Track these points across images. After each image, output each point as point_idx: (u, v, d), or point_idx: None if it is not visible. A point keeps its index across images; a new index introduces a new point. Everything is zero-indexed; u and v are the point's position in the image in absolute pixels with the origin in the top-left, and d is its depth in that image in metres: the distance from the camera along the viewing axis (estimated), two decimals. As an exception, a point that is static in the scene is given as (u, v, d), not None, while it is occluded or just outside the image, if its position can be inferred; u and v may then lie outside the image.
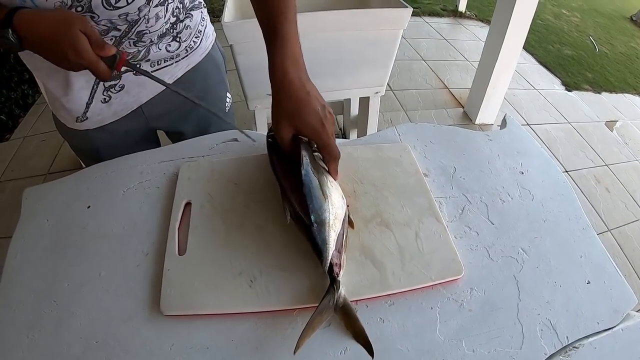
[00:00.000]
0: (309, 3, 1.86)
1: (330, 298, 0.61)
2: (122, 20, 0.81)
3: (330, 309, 0.61)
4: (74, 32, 0.68)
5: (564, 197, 0.85)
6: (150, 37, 0.88)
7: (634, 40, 5.34)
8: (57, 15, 0.69)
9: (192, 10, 0.95)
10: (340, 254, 0.66)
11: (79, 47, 0.69)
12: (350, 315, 0.62)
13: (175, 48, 0.95)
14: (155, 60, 0.93)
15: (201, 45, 1.03)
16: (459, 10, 4.92)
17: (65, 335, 0.61)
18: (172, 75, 1.00)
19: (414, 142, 0.95)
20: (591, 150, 2.99)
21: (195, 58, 1.03)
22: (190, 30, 0.97)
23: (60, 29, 0.68)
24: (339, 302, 0.62)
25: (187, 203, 0.79)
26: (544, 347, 0.62)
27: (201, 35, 1.02)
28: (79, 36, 0.69)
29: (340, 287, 0.62)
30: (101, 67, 0.72)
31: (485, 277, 0.70)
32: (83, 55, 0.69)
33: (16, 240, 0.75)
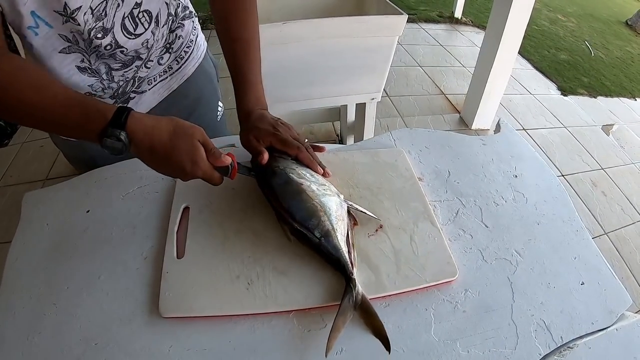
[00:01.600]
0: (306, 10, 1.87)
1: (350, 297, 0.63)
2: (144, 47, 0.85)
3: (351, 307, 0.62)
4: (194, 143, 0.69)
5: (558, 200, 0.86)
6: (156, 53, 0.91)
7: (629, 45, 5.36)
8: (177, 125, 0.69)
9: (184, 20, 0.96)
10: (351, 252, 0.68)
11: (198, 159, 0.69)
12: (370, 312, 0.63)
13: (166, 59, 0.95)
14: (151, 76, 0.94)
15: (193, 55, 1.03)
16: (455, 17, 4.93)
17: (65, 337, 0.61)
18: (169, 88, 1.01)
19: (409, 147, 0.96)
20: (587, 154, 3.00)
21: (189, 69, 1.04)
22: (182, 40, 0.97)
23: (180, 139, 0.68)
24: (358, 300, 0.63)
25: (186, 207, 0.79)
26: (539, 348, 0.62)
27: (192, 45, 1.02)
28: (198, 148, 0.69)
29: (357, 285, 0.64)
30: (216, 177, 0.73)
31: (480, 279, 0.71)
32: (200, 166, 0.69)
33: (16, 244, 0.76)
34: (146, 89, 0.94)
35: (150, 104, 0.99)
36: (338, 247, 0.67)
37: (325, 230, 0.69)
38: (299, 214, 0.71)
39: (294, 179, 0.75)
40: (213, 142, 0.96)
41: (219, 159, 0.72)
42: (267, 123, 0.82)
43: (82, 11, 0.71)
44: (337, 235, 0.68)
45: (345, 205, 0.75)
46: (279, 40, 1.42)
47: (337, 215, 0.71)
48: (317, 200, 0.72)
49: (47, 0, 0.67)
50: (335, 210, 0.72)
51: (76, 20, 0.71)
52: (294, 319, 0.63)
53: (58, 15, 0.70)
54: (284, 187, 0.75)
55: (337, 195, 0.75)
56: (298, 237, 0.71)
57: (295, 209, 0.72)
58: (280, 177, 0.76)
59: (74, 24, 0.72)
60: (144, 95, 0.95)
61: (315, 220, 0.70)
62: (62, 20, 0.71)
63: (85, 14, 0.72)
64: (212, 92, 1.16)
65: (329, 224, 0.69)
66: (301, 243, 0.71)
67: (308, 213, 0.71)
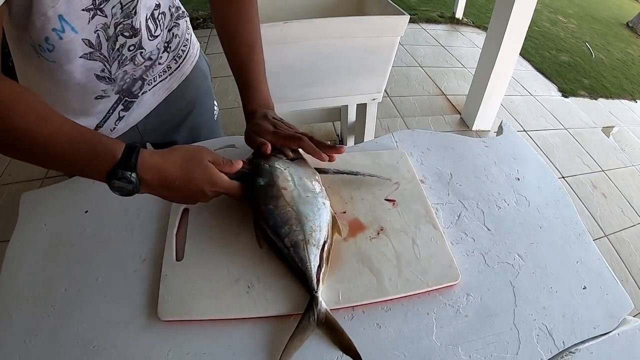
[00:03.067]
0: (307, 10, 1.87)
1: (311, 315, 0.61)
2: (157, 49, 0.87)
3: (311, 326, 0.61)
4: (206, 165, 0.69)
5: (560, 203, 0.86)
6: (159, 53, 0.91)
7: (630, 47, 5.37)
8: (184, 154, 0.68)
9: (179, 19, 0.96)
10: (321, 267, 0.66)
11: (214, 179, 0.69)
12: (335, 328, 0.61)
13: (165, 59, 0.95)
14: (151, 77, 0.94)
15: (190, 53, 1.04)
16: (456, 17, 4.94)
17: (63, 340, 0.61)
18: (168, 88, 1.01)
19: (411, 148, 0.96)
20: (588, 156, 3.00)
21: (187, 68, 1.04)
22: (179, 39, 0.97)
23: (192, 165, 0.67)
24: (321, 318, 0.61)
25: (185, 210, 0.79)
26: (540, 353, 0.62)
27: (188, 43, 1.02)
28: (212, 168, 0.69)
29: (320, 302, 0.62)
30: (236, 189, 0.73)
31: (482, 283, 0.70)
32: (219, 184, 0.69)
33: (13, 244, 0.75)
34: (147, 90, 0.94)
35: (150, 106, 0.99)
36: (305, 260, 0.65)
37: (296, 240, 0.67)
38: (272, 220, 0.70)
39: (276, 183, 0.74)
40: (213, 142, 0.97)
41: (233, 166, 0.72)
42: (269, 121, 0.83)
43: (110, 4, 0.70)
44: (308, 247, 0.66)
45: (330, 217, 0.72)
46: (279, 40, 1.41)
47: (314, 226, 0.69)
48: (295, 208, 0.71)
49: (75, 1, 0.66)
50: (314, 220, 0.70)
51: (104, 11, 0.70)
52: (294, 323, 0.62)
53: (85, 13, 0.68)
54: (264, 189, 0.73)
55: (324, 205, 0.73)
56: (269, 243, 0.70)
57: (269, 214, 0.70)
58: (264, 179, 0.75)
59: (101, 15, 0.70)
60: (145, 97, 0.95)
61: (287, 229, 0.68)
62: (88, 19, 0.69)
63: (113, 7, 0.71)
64: (208, 91, 1.17)
65: (302, 234, 0.68)
66: (272, 250, 0.70)
67: (281, 220, 0.69)
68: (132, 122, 0.98)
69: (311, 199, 0.73)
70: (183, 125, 1.11)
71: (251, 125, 0.84)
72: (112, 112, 0.92)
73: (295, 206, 0.71)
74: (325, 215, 0.72)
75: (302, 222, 0.69)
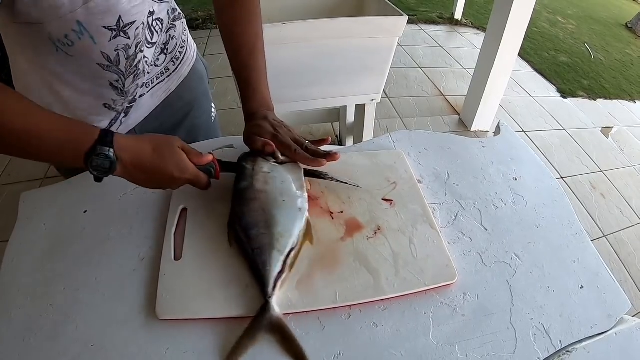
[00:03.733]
0: (306, 11, 1.87)
1: (262, 319, 0.61)
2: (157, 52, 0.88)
3: (262, 330, 0.61)
4: (176, 150, 0.71)
5: (557, 203, 0.86)
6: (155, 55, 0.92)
7: (629, 47, 5.38)
8: (156, 139, 0.71)
9: (175, 21, 0.96)
10: (281, 275, 0.66)
11: (183, 164, 0.71)
12: (287, 336, 0.61)
13: (162, 61, 0.96)
14: (149, 79, 0.94)
15: (187, 55, 1.04)
16: (455, 18, 4.94)
17: (62, 338, 0.61)
18: (167, 90, 1.01)
19: (408, 149, 0.96)
20: (587, 156, 3.00)
21: (184, 69, 1.05)
22: (176, 40, 0.98)
23: (163, 149, 0.70)
24: (273, 323, 0.61)
25: (183, 209, 0.79)
26: (537, 352, 0.62)
27: (185, 45, 1.03)
28: (181, 153, 0.71)
29: (272, 308, 0.62)
30: (202, 178, 0.75)
31: (479, 282, 0.71)
32: (187, 170, 0.72)
33: (13, 244, 0.75)
34: (145, 92, 0.94)
35: (149, 108, 0.99)
36: (267, 264, 0.65)
37: (262, 243, 0.68)
38: (243, 220, 0.71)
39: (255, 185, 0.75)
40: (212, 142, 0.97)
41: (201, 157, 0.74)
42: (269, 123, 0.83)
43: (135, 26, 0.75)
44: (273, 252, 0.67)
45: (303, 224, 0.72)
46: (278, 41, 1.42)
47: (282, 231, 0.69)
48: (268, 211, 0.72)
49: (97, 17, 0.69)
50: (284, 225, 0.70)
51: (127, 34, 0.74)
52: (292, 322, 0.63)
53: (107, 31, 0.72)
54: (243, 191, 0.75)
55: (299, 210, 0.73)
56: (237, 243, 0.70)
57: (242, 215, 0.72)
58: (245, 180, 0.76)
59: (124, 37, 0.75)
60: (143, 99, 0.95)
61: (255, 231, 0.69)
62: (110, 37, 0.73)
63: (137, 29, 0.76)
64: (205, 93, 1.17)
65: (268, 238, 0.68)
66: (240, 251, 0.70)
67: (252, 222, 0.70)
68: (132, 124, 0.98)
69: (287, 204, 0.73)
70: (181, 127, 1.11)
71: (251, 126, 0.84)
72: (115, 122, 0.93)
73: (268, 210, 0.72)
74: (298, 222, 0.72)
75: (271, 226, 0.70)
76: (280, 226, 0.70)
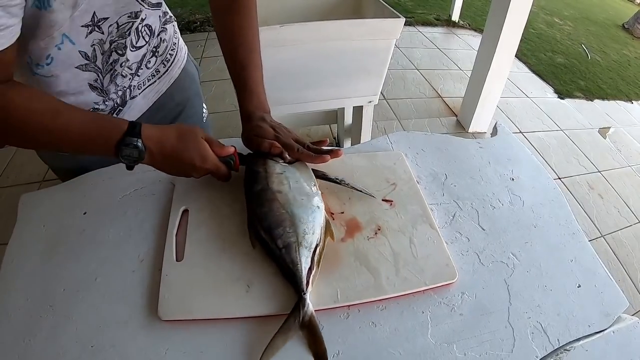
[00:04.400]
0: (304, 13, 1.88)
1: (297, 316, 0.62)
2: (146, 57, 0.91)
3: (296, 327, 0.61)
4: (200, 140, 0.75)
5: (554, 202, 0.87)
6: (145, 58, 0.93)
7: (626, 48, 5.40)
8: (181, 128, 0.75)
9: (166, 24, 0.97)
10: (312, 270, 0.66)
11: (205, 153, 0.75)
12: (316, 335, 0.61)
13: (153, 63, 0.97)
14: (140, 81, 0.95)
15: (177, 57, 1.05)
16: (452, 20, 4.95)
17: (61, 339, 0.61)
18: (158, 91, 1.02)
19: (406, 150, 0.97)
20: (584, 157, 3.01)
21: (175, 71, 1.05)
22: (167, 43, 0.99)
23: (187, 138, 0.74)
24: (306, 320, 0.62)
25: (185, 210, 0.79)
26: (535, 350, 0.63)
27: (176, 47, 1.04)
28: (204, 143, 0.75)
29: (307, 304, 0.63)
30: (223, 169, 0.79)
31: (476, 282, 0.71)
32: (209, 159, 0.76)
33: (12, 245, 0.76)
34: (136, 94, 0.95)
35: (141, 109, 1.00)
36: (296, 262, 0.66)
37: (288, 242, 0.68)
38: (266, 221, 0.71)
39: (271, 186, 0.76)
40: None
41: (223, 149, 0.79)
42: (268, 125, 0.85)
43: (108, 22, 0.77)
44: (300, 250, 0.67)
45: (323, 221, 0.73)
46: (276, 43, 1.42)
47: (307, 229, 0.70)
48: (289, 210, 0.72)
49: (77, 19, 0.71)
50: (307, 223, 0.71)
51: (101, 29, 0.76)
52: (293, 322, 0.63)
53: (84, 28, 0.74)
54: (260, 192, 0.75)
55: (318, 208, 0.74)
56: (262, 244, 0.71)
57: (263, 216, 0.72)
58: (260, 182, 0.77)
59: (98, 32, 0.76)
60: (135, 101, 0.96)
61: (280, 230, 0.69)
62: (86, 33, 0.75)
63: (110, 26, 0.77)
64: (197, 94, 1.18)
65: (294, 236, 0.69)
66: (264, 251, 0.70)
67: (275, 221, 0.71)
68: None
69: (305, 202, 0.74)
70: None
71: (251, 127, 0.85)
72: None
73: (289, 209, 0.72)
74: (318, 219, 0.72)
75: (295, 224, 0.70)
76: (304, 224, 0.70)
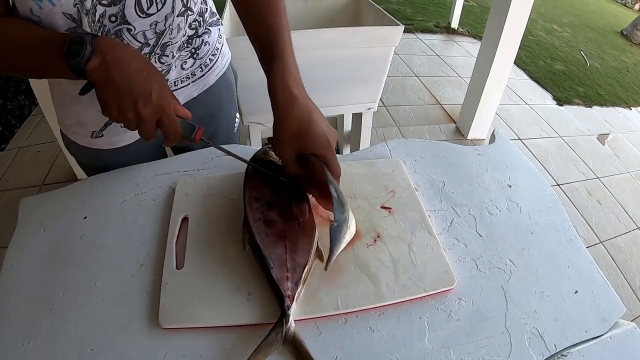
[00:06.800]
0: (303, 21, 1.89)
1: (279, 331, 0.60)
2: (152, 32, 0.79)
3: (278, 342, 0.60)
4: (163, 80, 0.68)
5: (552, 209, 0.87)
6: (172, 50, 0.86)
7: (624, 55, 5.43)
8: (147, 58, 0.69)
9: (211, 26, 0.94)
10: (297, 286, 0.65)
11: (165, 92, 0.67)
12: (301, 350, 0.60)
13: (190, 65, 0.93)
14: (171, 80, 0.92)
15: (217, 64, 1.01)
16: (451, 27, 4.98)
17: (61, 343, 0.62)
18: (188, 95, 0.97)
19: (404, 157, 0.97)
20: (583, 163, 3.02)
21: (211, 78, 1.01)
22: (209, 47, 0.96)
23: (152, 68, 0.67)
24: (288, 335, 0.61)
25: (184, 218, 0.80)
26: (532, 356, 0.63)
27: (218, 53, 1.01)
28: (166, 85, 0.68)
29: (290, 320, 0.62)
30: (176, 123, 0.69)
31: (474, 288, 0.71)
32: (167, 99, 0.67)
33: (12, 249, 0.76)
34: None
35: None
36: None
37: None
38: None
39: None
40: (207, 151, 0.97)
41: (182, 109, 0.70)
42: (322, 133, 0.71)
43: None
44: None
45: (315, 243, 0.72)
46: (276, 50, 1.42)
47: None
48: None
49: None
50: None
51: None
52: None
53: None
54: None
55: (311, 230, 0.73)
56: (254, 251, 0.70)
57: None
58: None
59: None
60: None
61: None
62: None
63: None
64: (231, 103, 1.13)
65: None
66: (254, 257, 0.69)
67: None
68: None
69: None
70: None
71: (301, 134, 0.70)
72: None
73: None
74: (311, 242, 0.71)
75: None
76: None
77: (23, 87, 2.95)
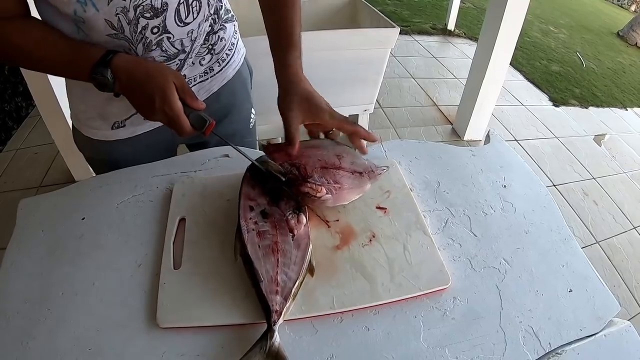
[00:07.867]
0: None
1: (263, 345, 0.60)
2: (188, 39, 0.86)
3: (261, 355, 0.59)
4: (167, 80, 0.73)
5: (546, 209, 0.88)
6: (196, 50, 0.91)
7: (620, 56, 5.45)
8: (155, 65, 0.75)
9: (226, 22, 0.96)
10: (286, 301, 0.64)
11: (168, 93, 0.73)
12: None
13: (207, 61, 0.95)
14: (191, 77, 0.93)
15: (234, 58, 1.03)
16: (448, 29, 4.98)
17: (60, 343, 0.62)
18: (208, 90, 0.99)
19: (400, 157, 0.98)
20: (579, 164, 3.03)
21: (229, 72, 1.03)
22: (225, 42, 0.97)
23: (155, 74, 0.73)
24: (272, 350, 0.60)
25: (182, 219, 0.80)
26: (527, 354, 0.63)
27: (234, 47, 1.02)
28: (171, 87, 0.73)
29: (275, 336, 0.61)
30: (184, 123, 0.76)
31: (468, 287, 0.72)
32: (170, 102, 0.73)
33: (11, 249, 0.76)
34: None
35: None
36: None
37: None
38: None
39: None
40: (209, 152, 0.97)
41: (195, 101, 0.77)
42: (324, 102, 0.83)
43: None
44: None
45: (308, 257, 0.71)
46: (273, 52, 1.43)
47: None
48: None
49: None
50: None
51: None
52: (285, 326, 0.64)
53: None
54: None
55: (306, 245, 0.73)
56: (245, 262, 0.69)
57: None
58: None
59: None
60: None
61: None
62: (107, 0, 0.72)
63: None
64: (246, 98, 1.15)
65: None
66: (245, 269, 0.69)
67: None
68: None
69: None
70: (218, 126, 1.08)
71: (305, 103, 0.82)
72: None
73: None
74: (304, 257, 0.71)
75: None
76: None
77: (20, 89, 2.95)
